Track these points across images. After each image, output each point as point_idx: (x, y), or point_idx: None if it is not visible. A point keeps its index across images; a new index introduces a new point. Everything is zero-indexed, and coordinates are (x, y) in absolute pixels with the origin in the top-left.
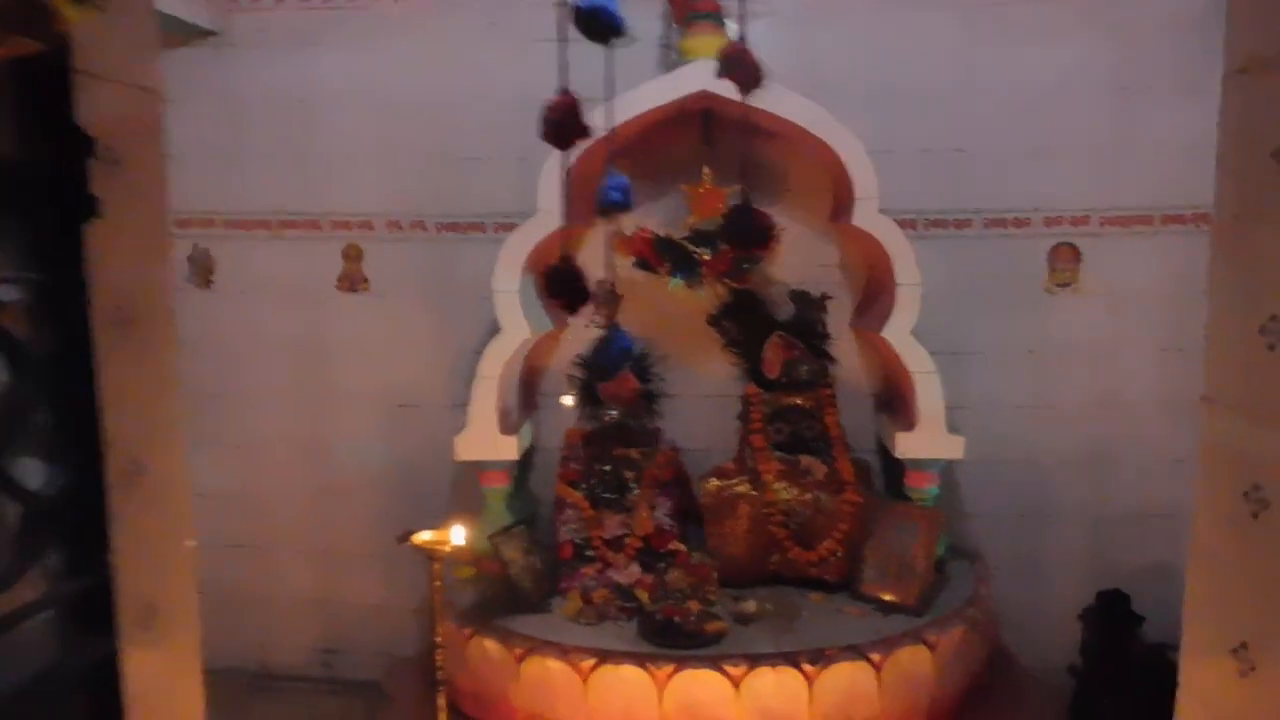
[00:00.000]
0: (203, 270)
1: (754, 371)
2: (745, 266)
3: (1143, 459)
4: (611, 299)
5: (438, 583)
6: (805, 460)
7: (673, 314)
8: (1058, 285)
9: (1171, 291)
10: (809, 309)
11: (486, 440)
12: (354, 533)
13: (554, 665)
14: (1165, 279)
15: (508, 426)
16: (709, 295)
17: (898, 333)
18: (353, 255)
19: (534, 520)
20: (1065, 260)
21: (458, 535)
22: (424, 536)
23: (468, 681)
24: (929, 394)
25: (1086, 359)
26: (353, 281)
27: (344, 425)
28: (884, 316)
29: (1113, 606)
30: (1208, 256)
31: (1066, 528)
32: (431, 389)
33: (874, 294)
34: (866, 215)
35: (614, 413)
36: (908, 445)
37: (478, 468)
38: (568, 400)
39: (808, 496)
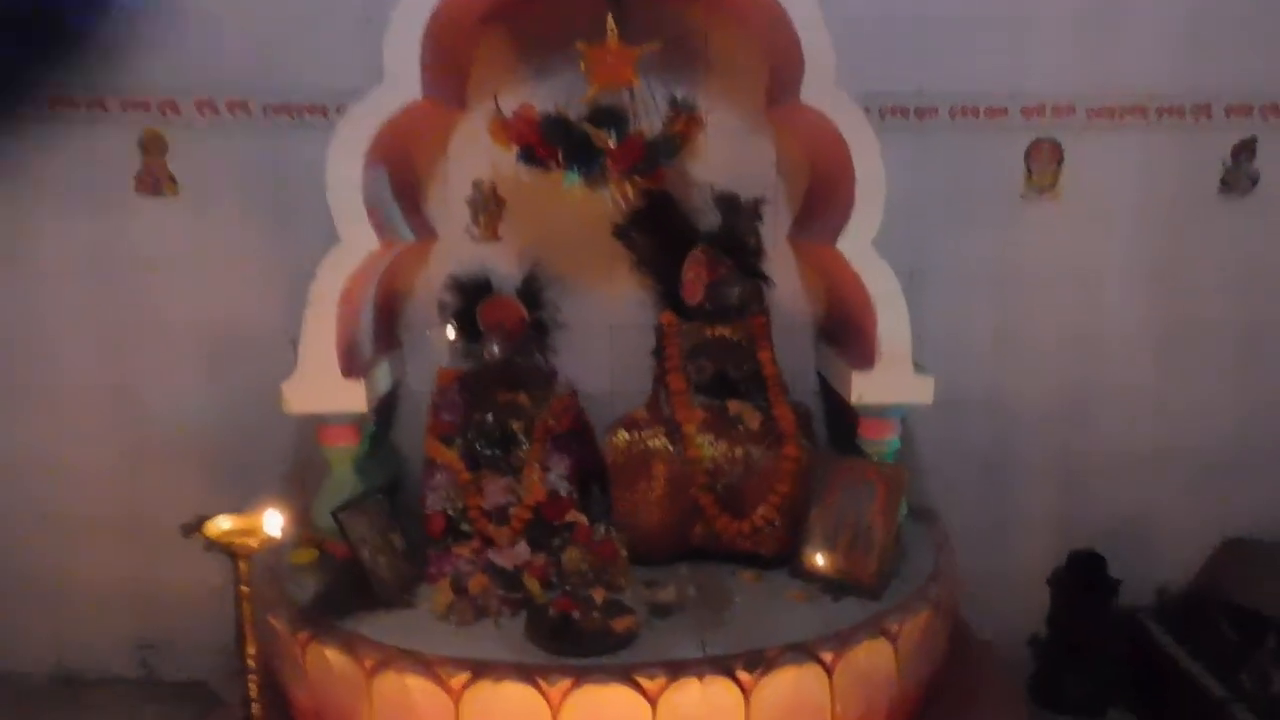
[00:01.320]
0: None
1: (670, 296)
2: (660, 161)
3: (1125, 403)
4: (492, 205)
5: (244, 588)
6: (734, 406)
7: (569, 223)
8: (1036, 192)
9: (1166, 204)
10: (739, 217)
11: (324, 387)
12: (173, 502)
13: (415, 683)
14: (1159, 187)
15: (354, 368)
16: (614, 198)
17: (855, 245)
18: (153, 147)
19: (398, 487)
20: (1044, 160)
21: (272, 523)
22: (222, 525)
23: (307, 697)
24: (893, 323)
25: (1064, 283)
26: (156, 181)
27: (156, 367)
28: (835, 226)
29: (1085, 569)
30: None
31: (1035, 481)
32: (264, 321)
33: (820, 198)
34: (819, 92)
35: (495, 350)
36: (865, 387)
37: (317, 422)
38: (444, 334)
39: (738, 452)
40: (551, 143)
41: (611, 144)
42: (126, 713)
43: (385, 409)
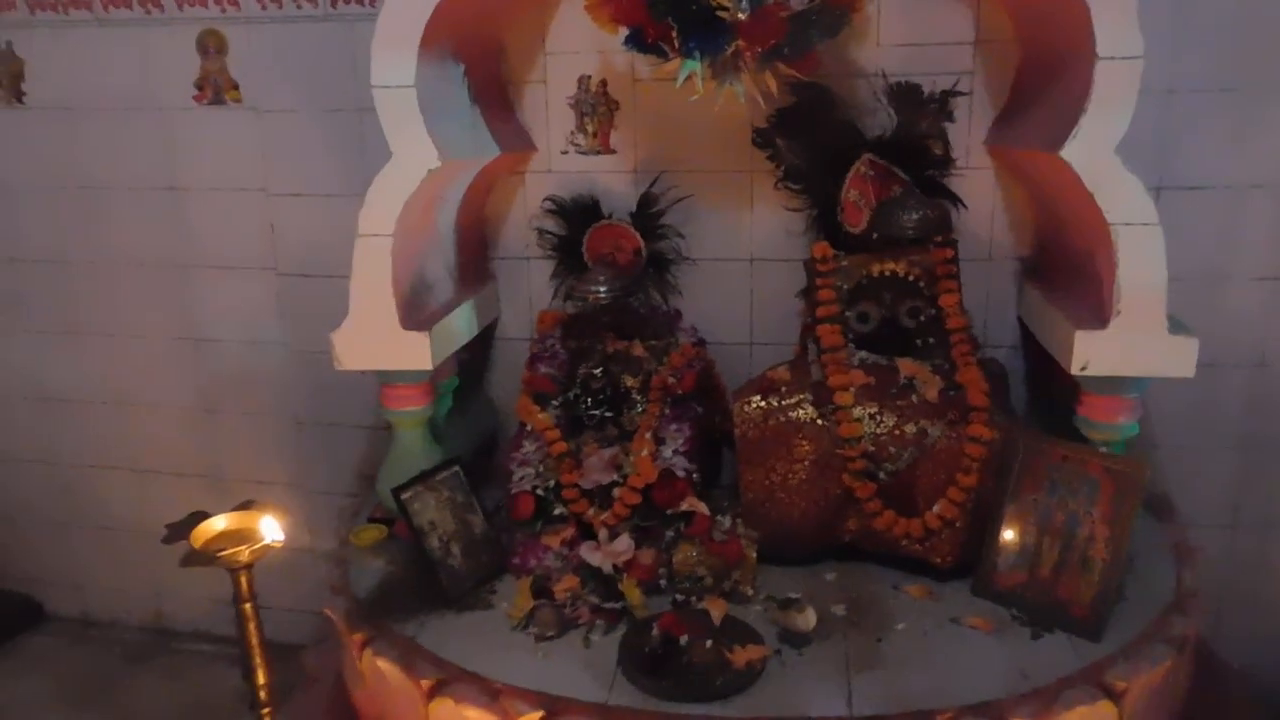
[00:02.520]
0: (10, 76)
1: (827, 221)
2: (811, 39)
3: None
4: (602, 108)
5: (246, 605)
6: (907, 367)
7: (696, 129)
8: None
9: None
10: (920, 116)
11: (379, 339)
12: (253, 455)
13: (476, 716)
14: None
15: (419, 314)
16: (752, 95)
17: (1089, 152)
18: (213, 46)
19: (493, 450)
20: None
21: (270, 529)
22: (215, 527)
23: (369, 704)
24: (1141, 264)
25: None
26: (216, 88)
27: (226, 306)
28: (1058, 125)
29: None
30: None
31: None
32: (343, 251)
33: (1036, 86)
34: None
35: (603, 288)
36: (1093, 352)
37: (379, 379)
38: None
39: (909, 428)
40: (663, 19)
41: (742, 15)
42: (219, 672)
43: (477, 357)
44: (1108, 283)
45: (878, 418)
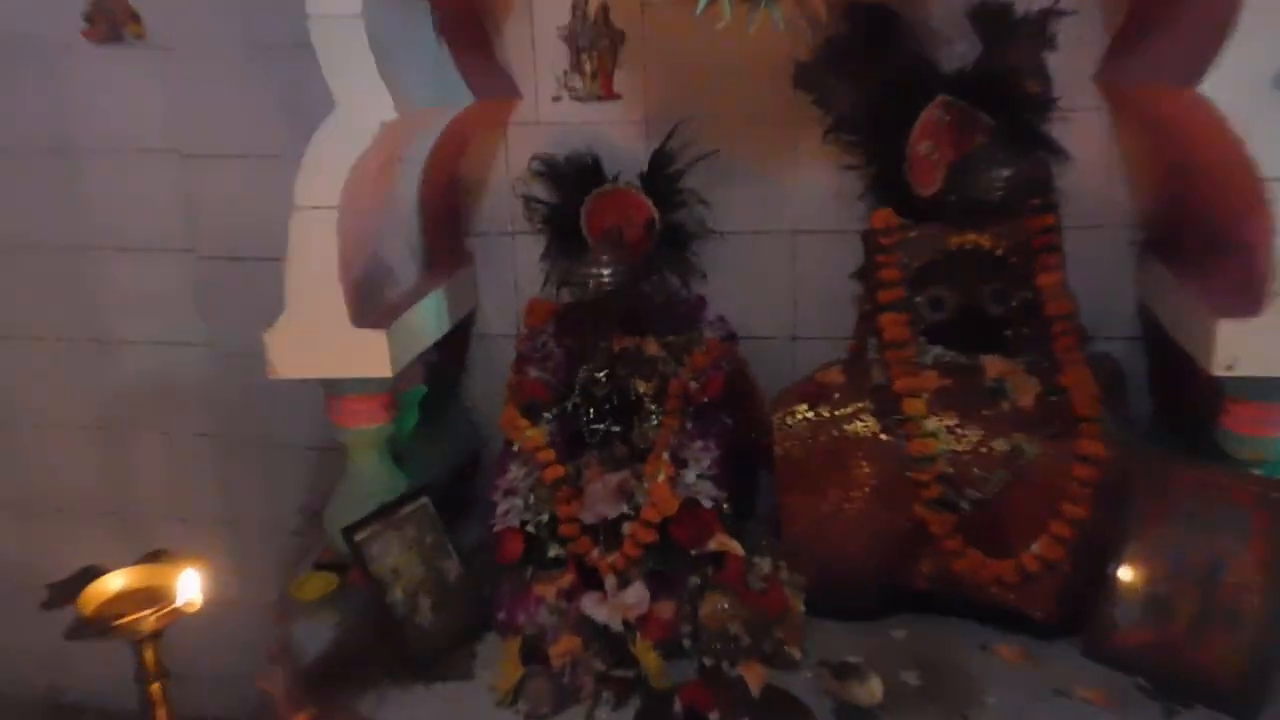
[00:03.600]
0: None
1: (889, 182)
2: None
3: None
4: (603, 42)
5: (154, 685)
6: (994, 367)
7: (722, 68)
8: None
9: None
10: (1010, 45)
11: (324, 339)
12: (172, 488)
13: None
14: None
15: (373, 307)
16: (792, 21)
17: (1240, 86)
18: None
19: (473, 474)
20: None
21: (186, 586)
22: (112, 586)
23: None
24: None
25: None
26: (112, 21)
27: (127, 293)
28: (1196, 52)
29: None
30: None
31: None
32: (275, 227)
33: (1163, 5)
34: None
35: (607, 271)
36: (1242, 347)
37: (326, 390)
38: None
39: (998, 445)
40: None
41: None
42: None
43: (450, 359)
44: (1260, 257)
45: (958, 431)
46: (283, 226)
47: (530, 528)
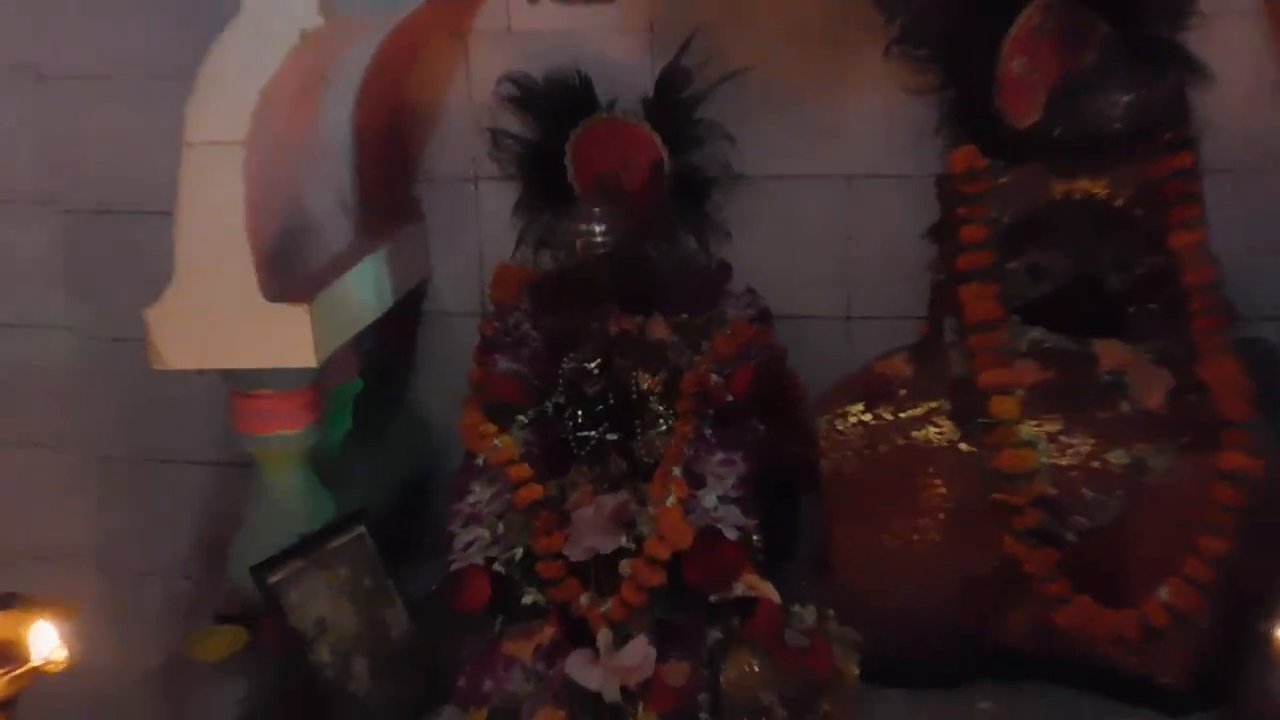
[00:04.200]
0: None
1: (971, 111)
2: None
3: None
4: None
5: None
6: (1111, 355)
7: None
8: None
9: None
10: None
11: (223, 316)
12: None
13: None
14: None
15: (291, 276)
16: None
17: None
18: None
19: (418, 507)
20: None
21: (44, 640)
22: None
23: None
24: None
25: None
26: None
27: None
28: None
29: None
30: None
31: None
32: (161, 171)
33: None
34: None
35: (600, 228)
36: None
37: (230, 385)
38: None
39: (1116, 458)
40: None
41: None
42: None
43: (394, 345)
44: None
45: (1062, 440)
46: (171, 169)
47: (499, 566)
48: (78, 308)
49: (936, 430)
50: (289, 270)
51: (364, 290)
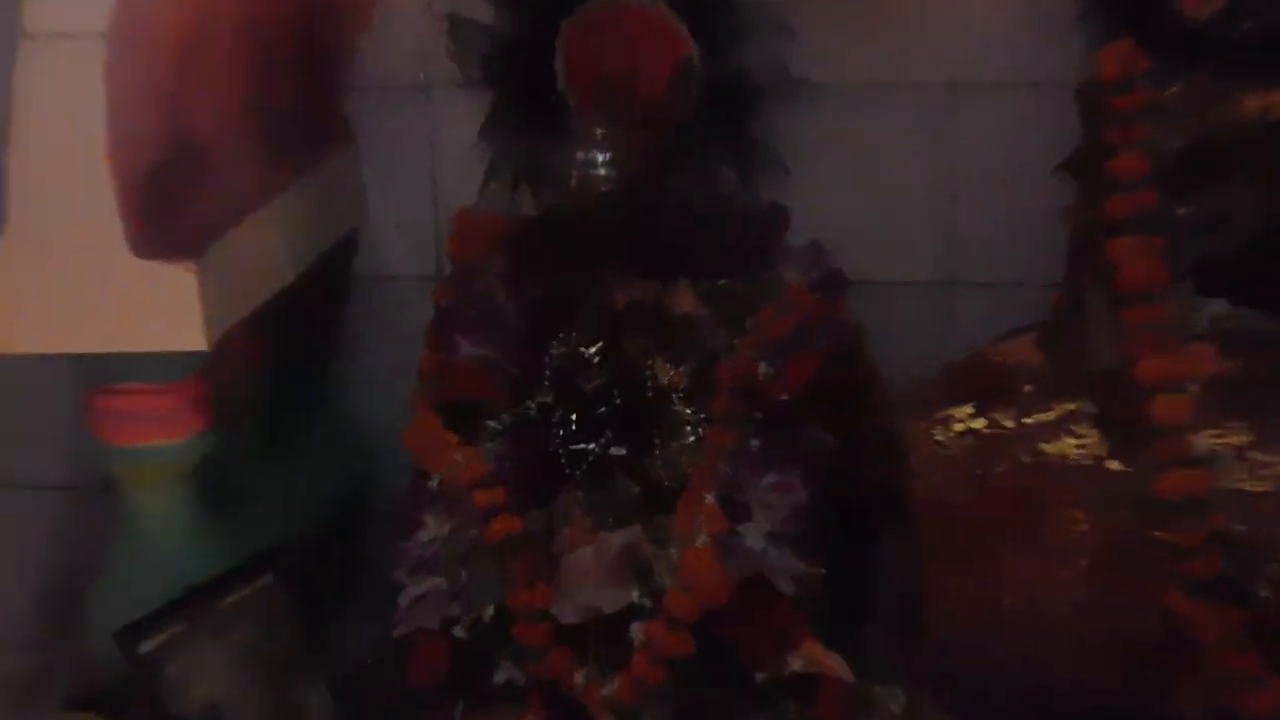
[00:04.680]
0: None
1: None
2: None
3: None
4: None
5: None
6: None
7: None
8: None
9: None
10: None
11: (79, 280)
12: None
13: None
14: None
15: (172, 223)
16: None
17: None
18: None
19: (350, 542)
20: None
21: None
22: None
23: None
24: None
25: None
26: None
27: None
28: None
29: None
30: None
31: None
32: None
33: None
34: None
35: (603, 159)
36: None
37: (86, 378)
38: None
39: None
40: None
41: None
42: None
43: (317, 320)
44: None
45: (1253, 457)
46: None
47: (461, 631)
48: None
49: (1075, 443)
50: (168, 216)
51: (274, 243)
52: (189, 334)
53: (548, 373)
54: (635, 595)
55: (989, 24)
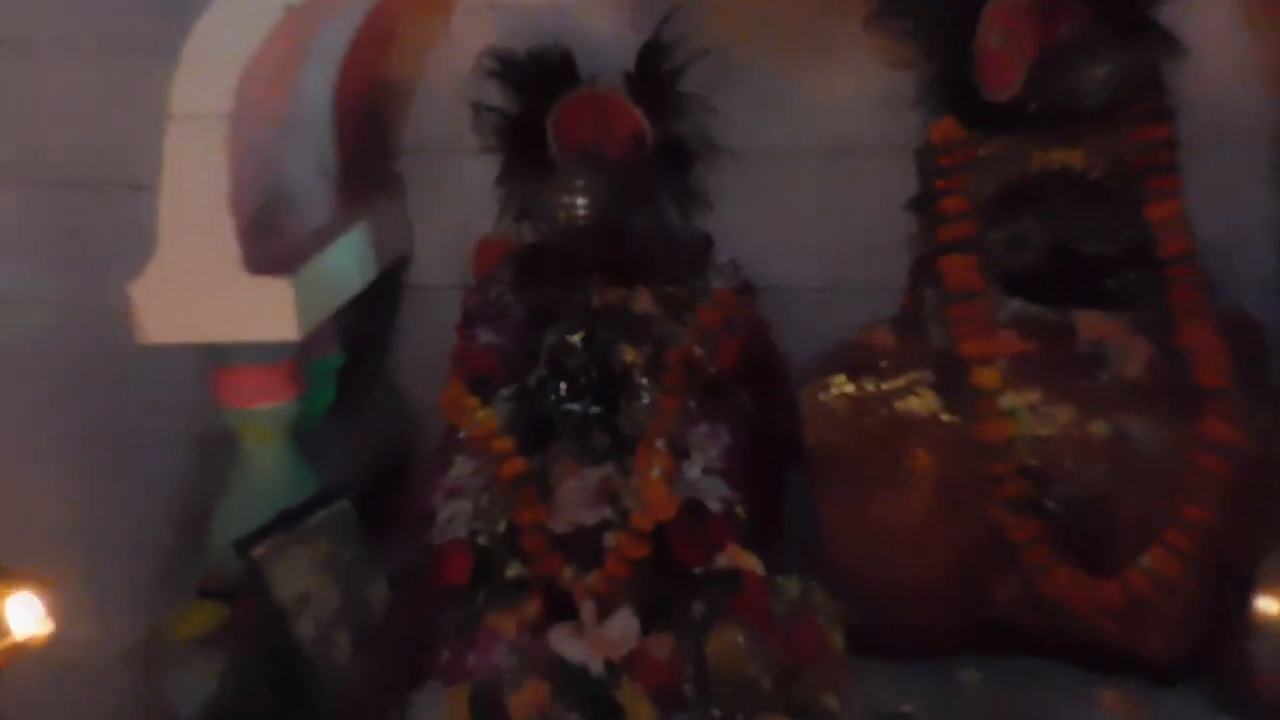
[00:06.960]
0: None
1: (952, 83)
2: None
3: None
4: None
5: None
6: (1090, 325)
7: None
8: None
9: None
10: None
11: (205, 290)
12: None
13: None
14: None
15: (273, 249)
16: None
17: None
18: None
19: (399, 481)
20: None
21: (25, 614)
22: None
23: None
24: None
25: None
26: None
27: None
28: None
29: None
30: None
31: None
32: (141, 145)
33: None
34: None
35: (583, 200)
36: None
37: (212, 359)
38: None
39: (1098, 428)
40: None
41: None
42: None
43: (375, 319)
44: None
45: (1043, 411)
46: (153, 142)
47: (482, 540)
48: (53, 281)
49: (919, 401)
50: (272, 243)
51: (346, 263)
52: (286, 328)
53: (543, 355)
54: (608, 513)
55: (854, 106)
